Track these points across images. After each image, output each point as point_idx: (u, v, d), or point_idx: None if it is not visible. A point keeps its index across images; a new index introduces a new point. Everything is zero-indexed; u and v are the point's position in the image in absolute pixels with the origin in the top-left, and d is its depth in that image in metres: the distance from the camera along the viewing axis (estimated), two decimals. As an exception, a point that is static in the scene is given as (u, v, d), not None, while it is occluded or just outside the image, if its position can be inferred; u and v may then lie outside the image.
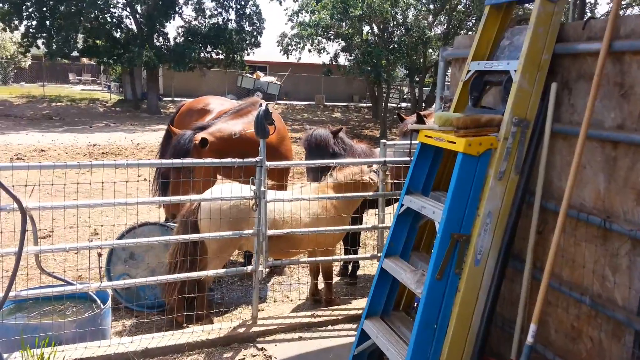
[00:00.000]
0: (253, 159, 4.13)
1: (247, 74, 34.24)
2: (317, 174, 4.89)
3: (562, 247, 3.12)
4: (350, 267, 6.26)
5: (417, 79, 27.89)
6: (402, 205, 3.49)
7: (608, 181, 2.85)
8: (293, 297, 5.59)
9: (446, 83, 4.51)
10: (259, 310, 4.64)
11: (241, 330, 4.26)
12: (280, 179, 5.46)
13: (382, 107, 24.26)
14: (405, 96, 36.42)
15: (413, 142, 3.71)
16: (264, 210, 4.20)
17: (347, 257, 5.19)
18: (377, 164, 4.73)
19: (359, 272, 6.33)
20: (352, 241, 5.86)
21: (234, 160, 4.11)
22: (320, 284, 5.45)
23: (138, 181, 4.83)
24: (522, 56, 3.07)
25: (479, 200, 3.07)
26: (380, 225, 4.90)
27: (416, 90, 28.13)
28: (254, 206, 4.14)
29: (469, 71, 3.51)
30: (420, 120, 5.35)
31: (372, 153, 5.73)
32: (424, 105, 27.69)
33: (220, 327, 4.27)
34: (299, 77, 36.63)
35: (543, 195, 3.19)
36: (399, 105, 35.58)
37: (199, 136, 5.21)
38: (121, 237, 4.94)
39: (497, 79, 3.37)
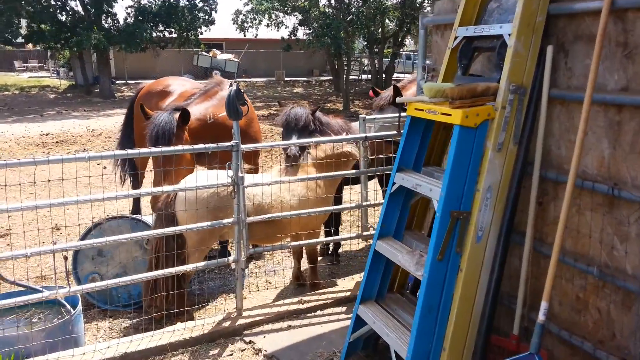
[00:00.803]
0: (228, 143, 3.84)
1: (203, 53, 33.30)
2: (296, 154, 4.63)
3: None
4: (331, 247, 6.08)
5: (377, 50, 27.65)
6: (393, 183, 3.29)
7: (613, 147, 2.70)
8: (276, 283, 5.38)
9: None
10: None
11: (226, 324, 4.02)
12: (253, 161, 5.18)
13: (344, 80, 23.98)
14: (365, 68, 36.19)
15: (402, 114, 3.50)
16: (242, 197, 3.93)
17: (331, 238, 4.98)
18: (358, 140, 4.50)
19: (340, 250, 6.16)
20: (335, 220, 5.67)
21: (207, 145, 3.80)
22: (304, 265, 5.26)
23: (103, 175, 4.47)
24: (516, 18, 2.87)
25: (477, 174, 2.89)
26: (364, 204, 4.70)
27: (376, 61, 27.91)
28: (232, 193, 3.86)
29: (456, 37, 3.30)
30: (398, 93, 5.13)
31: (349, 128, 5.50)
32: (384, 76, 27.60)
33: (203, 322, 4.02)
34: (257, 53, 35.89)
35: (542, 165, 3.03)
36: (360, 77, 35.35)
37: (177, 115, 4.79)
38: (87, 233, 4.61)
39: (487, 45, 3.17)
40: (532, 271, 3.17)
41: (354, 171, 4.61)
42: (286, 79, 34.74)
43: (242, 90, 4.00)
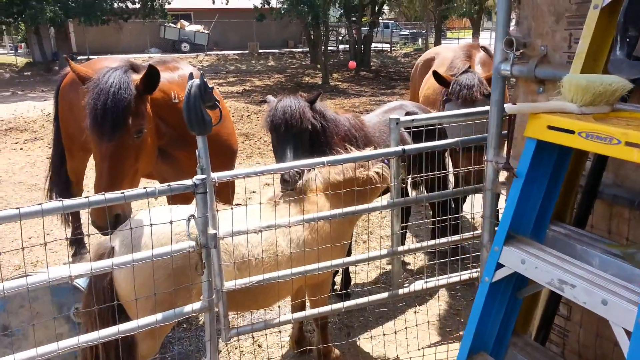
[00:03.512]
0: (188, 182, 2.22)
1: (170, 24, 31.05)
2: (295, 178, 3.06)
3: None
4: (340, 280, 4.59)
5: (354, 19, 25.90)
6: (497, 265, 1.77)
7: None
8: (267, 344, 3.88)
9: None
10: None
11: None
12: (227, 186, 3.51)
13: (322, 51, 22.15)
14: (342, 38, 34.35)
15: (468, 110, 1.98)
16: (217, 264, 2.38)
17: (352, 302, 3.22)
18: (394, 155, 2.94)
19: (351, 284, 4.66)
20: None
21: (150, 190, 2.16)
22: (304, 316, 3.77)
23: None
24: None
25: None
26: (399, 249, 3.19)
27: (354, 31, 26.16)
28: (199, 267, 2.29)
29: (613, -14, 1.76)
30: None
31: (363, 126, 3.94)
32: (362, 47, 26.07)
33: None
34: (228, 24, 33.65)
35: None
36: (337, 48, 33.53)
37: (137, 77, 3.03)
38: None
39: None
40: None
41: (385, 204, 3.03)
42: (260, 51, 32.68)
43: (211, 87, 2.39)
